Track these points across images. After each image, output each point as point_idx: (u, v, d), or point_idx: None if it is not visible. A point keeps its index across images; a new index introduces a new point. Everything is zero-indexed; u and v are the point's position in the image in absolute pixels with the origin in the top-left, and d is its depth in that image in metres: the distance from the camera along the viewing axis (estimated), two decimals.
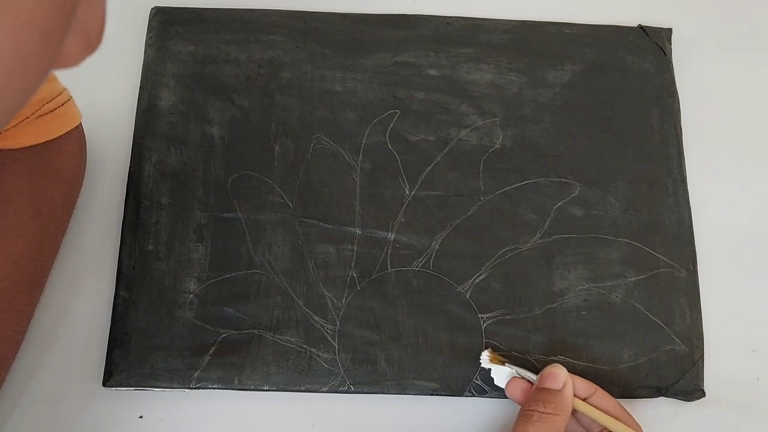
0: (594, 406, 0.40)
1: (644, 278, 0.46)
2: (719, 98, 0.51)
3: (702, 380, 0.44)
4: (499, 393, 0.43)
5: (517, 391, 0.41)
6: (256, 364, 0.43)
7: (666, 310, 0.46)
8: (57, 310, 0.44)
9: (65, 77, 0.49)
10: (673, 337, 0.45)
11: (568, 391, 0.39)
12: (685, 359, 0.45)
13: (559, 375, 0.40)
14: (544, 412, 0.38)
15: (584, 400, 0.40)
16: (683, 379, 0.44)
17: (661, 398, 0.44)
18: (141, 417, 0.43)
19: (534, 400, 0.39)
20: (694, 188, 0.49)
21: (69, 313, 0.44)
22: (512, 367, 0.42)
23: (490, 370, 0.43)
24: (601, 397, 0.41)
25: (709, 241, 0.48)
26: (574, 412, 0.40)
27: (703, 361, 0.45)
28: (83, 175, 0.45)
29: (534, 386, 0.41)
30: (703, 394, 0.44)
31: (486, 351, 0.43)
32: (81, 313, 0.44)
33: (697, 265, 0.47)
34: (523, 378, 0.41)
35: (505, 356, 0.43)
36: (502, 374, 0.42)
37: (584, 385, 0.41)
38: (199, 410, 0.43)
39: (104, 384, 0.42)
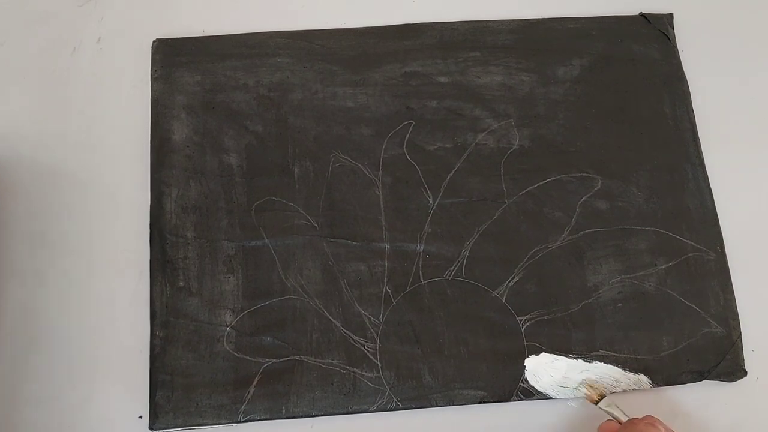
0: None
1: (674, 264, 0.46)
2: (726, 78, 0.52)
3: (743, 359, 0.45)
4: (546, 394, 0.43)
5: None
6: (301, 391, 0.43)
7: (699, 294, 0.46)
8: (94, 359, 0.44)
9: (77, 121, 0.49)
10: (709, 320, 0.45)
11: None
12: (724, 340, 0.45)
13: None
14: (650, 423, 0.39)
15: None
16: (724, 361, 0.44)
17: (704, 381, 0.45)
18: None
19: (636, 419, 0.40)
20: (712, 170, 0.49)
21: (106, 360, 0.44)
22: (607, 406, 0.42)
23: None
24: None
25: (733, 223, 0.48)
26: None
27: (741, 340, 0.45)
28: None
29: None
30: (744, 373, 0.45)
31: (584, 387, 0.43)
32: (118, 359, 0.44)
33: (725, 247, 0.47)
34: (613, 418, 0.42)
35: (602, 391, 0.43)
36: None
37: None
38: None
39: (151, 428, 0.42)
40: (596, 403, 0.42)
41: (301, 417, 0.43)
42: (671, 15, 0.53)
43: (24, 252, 0.46)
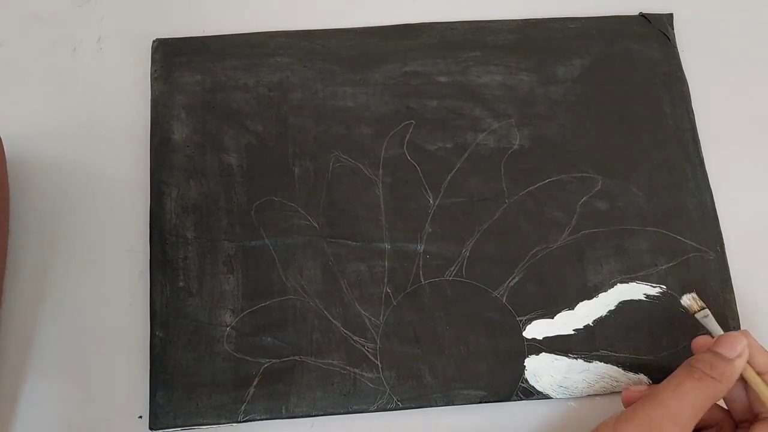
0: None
1: (675, 264, 0.46)
2: (726, 78, 0.52)
3: None
4: (545, 394, 0.43)
5: (698, 346, 0.40)
6: (301, 391, 0.43)
7: (699, 294, 0.45)
8: (94, 359, 0.44)
9: (77, 121, 0.49)
10: None
11: (740, 364, 0.37)
12: None
13: (735, 345, 0.37)
14: (707, 374, 0.36)
15: (761, 374, 0.38)
16: None
17: None
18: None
19: (702, 359, 0.37)
20: (712, 170, 0.49)
21: (106, 360, 0.44)
22: (704, 317, 0.41)
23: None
24: None
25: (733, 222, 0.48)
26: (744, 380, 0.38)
27: None
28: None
29: (709, 346, 0.38)
30: None
31: (690, 295, 0.43)
32: (118, 359, 0.44)
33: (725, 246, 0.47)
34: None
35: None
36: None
37: (765, 360, 0.37)
38: None
39: (151, 428, 0.42)
40: (694, 314, 0.42)
41: (301, 417, 0.43)
42: (671, 15, 0.53)
43: (23, 252, 0.46)
